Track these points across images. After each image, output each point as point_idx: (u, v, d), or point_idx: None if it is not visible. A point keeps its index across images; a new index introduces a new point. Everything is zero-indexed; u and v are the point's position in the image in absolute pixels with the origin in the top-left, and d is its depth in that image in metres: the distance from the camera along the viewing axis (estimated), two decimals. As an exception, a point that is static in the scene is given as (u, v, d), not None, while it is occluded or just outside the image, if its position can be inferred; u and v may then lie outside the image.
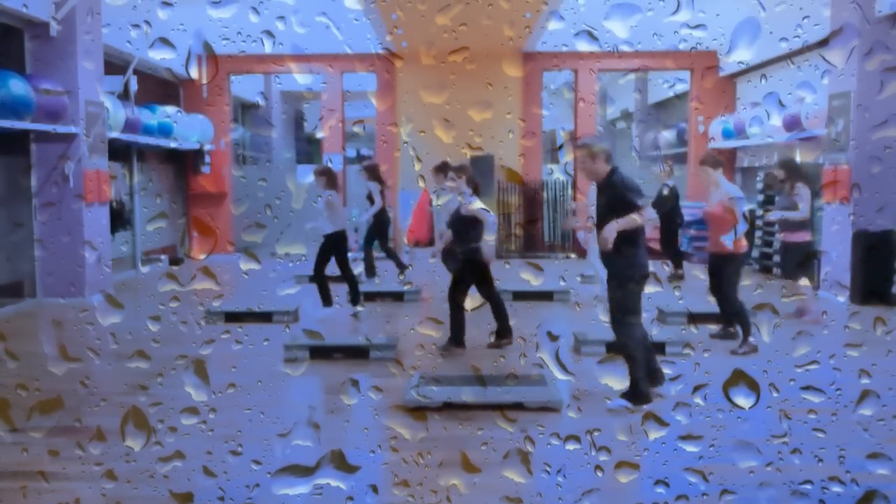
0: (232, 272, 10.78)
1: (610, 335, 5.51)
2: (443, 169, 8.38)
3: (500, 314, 7.01)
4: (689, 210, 11.89)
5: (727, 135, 13.47)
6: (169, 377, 5.62)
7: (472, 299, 6.95)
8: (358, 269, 11.17)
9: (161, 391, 5.49)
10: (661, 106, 18.80)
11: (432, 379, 5.57)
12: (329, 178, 8.43)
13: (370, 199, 10.50)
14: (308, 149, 21.31)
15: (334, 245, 8.34)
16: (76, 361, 5.26)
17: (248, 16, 4.33)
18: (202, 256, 7.35)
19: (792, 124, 10.91)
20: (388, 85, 14.80)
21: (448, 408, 5.12)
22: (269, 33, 4.54)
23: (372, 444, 4.60)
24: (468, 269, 6.90)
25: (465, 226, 6.88)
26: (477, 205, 6.88)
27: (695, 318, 7.85)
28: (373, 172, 10.50)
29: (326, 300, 8.41)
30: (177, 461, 3.74)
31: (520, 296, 9.24)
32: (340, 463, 3.00)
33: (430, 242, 14.54)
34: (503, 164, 14.34)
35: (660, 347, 6.60)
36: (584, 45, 3.40)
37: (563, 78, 16.89)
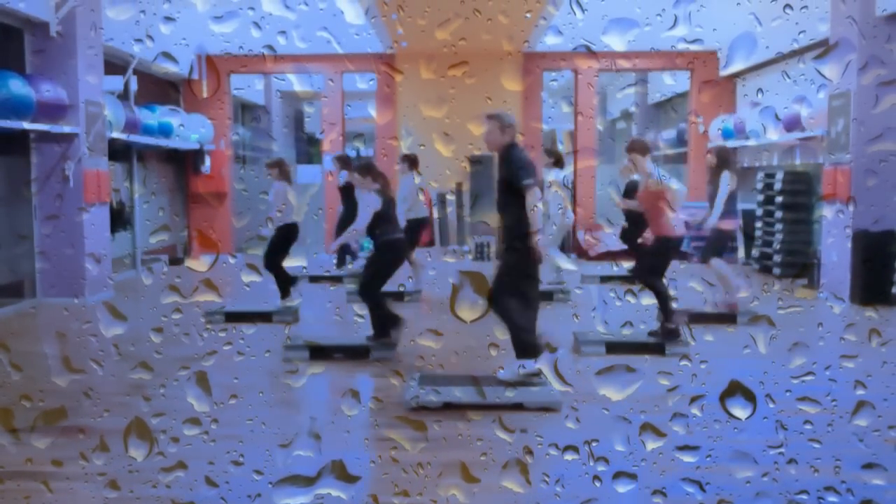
0: (232, 273, 10.83)
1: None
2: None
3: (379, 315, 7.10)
4: (690, 210, 11.91)
5: (727, 135, 13.53)
6: (170, 385, 5.64)
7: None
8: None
9: (162, 399, 5.51)
10: (661, 106, 18.89)
11: (432, 381, 5.60)
12: (281, 170, 8.59)
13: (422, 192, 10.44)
14: (308, 149, 21.37)
15: (287, 237, 8.52)
16: (79, 372, 5.29)
17: (250, 30, 4.39)
18: (204, 268, 7.38)
19: (792, 124, 10.97)
20: (389, 98, 14.90)
21: (447, 408, 5.17)
22: (271, 48, 4.61)
23: (371, 451, 4.63)
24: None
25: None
26: (364, 202, 7.02)
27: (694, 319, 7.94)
28: (413, 163, 10.40)
29: (285, 292, 8.59)
30: (179, 471, 3.78)
31: None
32: (341, 473, 3.03)
33: (430, 243, 14.61)
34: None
35: (660, 349, 6.77)
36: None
37: (564, 78, 16.93)
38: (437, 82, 12.74)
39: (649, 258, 7.15)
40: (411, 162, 10.35)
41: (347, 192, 10.56)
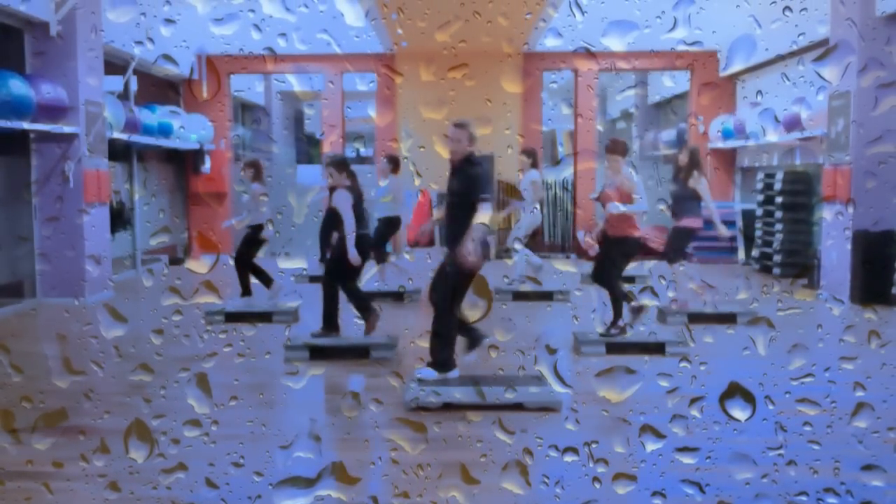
0: (232, 274, 10.84)
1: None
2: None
3: (363, 306, 7.12)
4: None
5: (727, 135, 13.53)
6: (170, 386, 5.65)
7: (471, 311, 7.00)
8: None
9: (162, 400, 5.51)
10: (661, 107, 18.91)
11: (431, 382, 5.60)
12: (256, 171, 8.65)
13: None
14: (308, 150, 21.36)
15: (255, 237, 8.63)
16: (79, 373, 5.30)
17: (251, 32, 4.40)
18: (204, 269, 7.42)
19: (791, 125, 10.98)
20: (389, 100, 14.91)
21: (447, 409, 5.18)
22: (271, 50, 4.61)
23: (371, 452, 4.63)
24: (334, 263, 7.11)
25: (329, 219, 7.04)
26: (336, 199, 7.00)
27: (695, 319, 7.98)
28: (396, 163, 10.38)
29: (246, 290, 8.78)
30: (179, 472, 3.78)
31: (519, 296, 9.35)
32: (341, 474, 3.04)
33: (430, 242, 14.62)
34: (501, 180, 14.46)
35: (660, 348, 6.81)
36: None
37: (564, 79, 16.97)
38: (437, 84, 12.75)
39: (609, 260, 7.20)
40: (395, 164, 10.39)
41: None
